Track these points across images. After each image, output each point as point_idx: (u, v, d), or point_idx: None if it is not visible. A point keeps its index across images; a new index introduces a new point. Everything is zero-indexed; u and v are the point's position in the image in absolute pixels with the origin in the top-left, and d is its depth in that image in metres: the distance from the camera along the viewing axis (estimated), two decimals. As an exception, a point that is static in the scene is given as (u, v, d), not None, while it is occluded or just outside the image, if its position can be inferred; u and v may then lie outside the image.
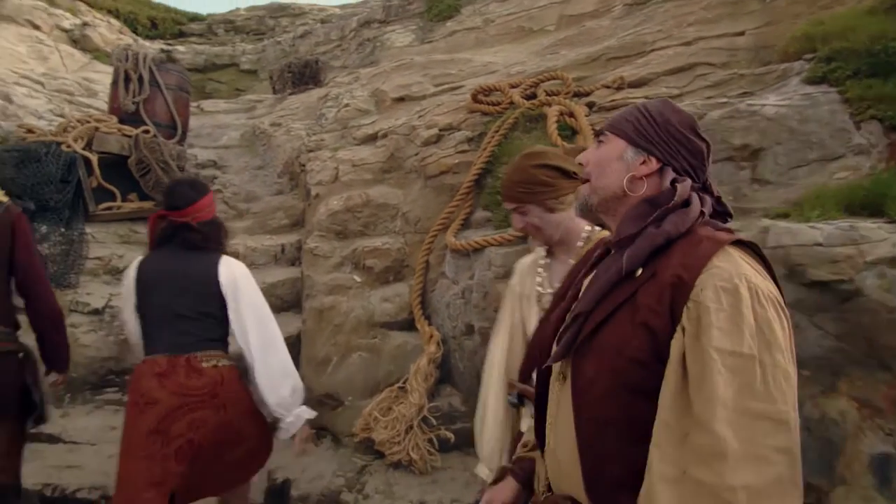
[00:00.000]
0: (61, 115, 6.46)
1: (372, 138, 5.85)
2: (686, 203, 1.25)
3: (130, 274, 2.67)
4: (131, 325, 2.68)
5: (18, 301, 2.77)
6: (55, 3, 10.43)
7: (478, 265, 3.82)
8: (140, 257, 2.75)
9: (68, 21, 9.90)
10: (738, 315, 1.08)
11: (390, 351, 4.02)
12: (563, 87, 4.68)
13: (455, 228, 4.20)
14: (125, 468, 2.42)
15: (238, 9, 13.75)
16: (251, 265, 5.34)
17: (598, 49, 5.28)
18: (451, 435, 3.48)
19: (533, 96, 4.74)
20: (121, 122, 5.98)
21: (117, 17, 12.08)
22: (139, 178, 5.74)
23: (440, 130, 5.06)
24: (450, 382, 3.87)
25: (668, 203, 1.25)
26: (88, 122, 5.88)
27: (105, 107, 6.76)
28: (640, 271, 1.23)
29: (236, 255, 5.30)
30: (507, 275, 3.72)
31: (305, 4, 13.02)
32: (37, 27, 9.03)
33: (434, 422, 3.51)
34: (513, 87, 4.91)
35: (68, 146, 5.59)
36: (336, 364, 4.01)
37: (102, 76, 8.14)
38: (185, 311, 2.53)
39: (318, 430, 3.91)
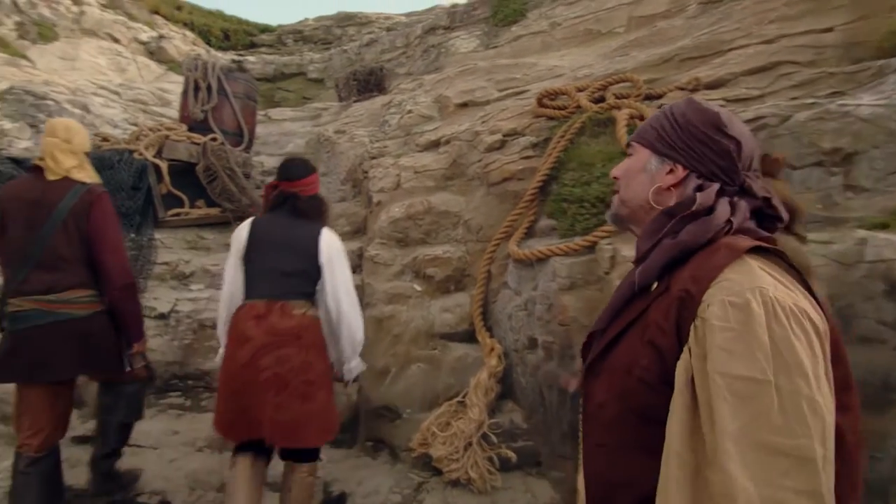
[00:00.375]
0: (135, 124, 6.67)
1: (434, 145, 5.77)
2: (709, 210, 1.13)
3: (244, 230, 2.97)
4: (231, 275, 2.96)
5: None
6: (134, 18, 10.87)
7: (542, 276, 3.67)
8: (248, 219, 3.07)
9: (146, 34, 10.29)
10: (749, 334, 0.94)
11: (450, 363, 3.90)
12: (633, 89, 4.47)
13: (518, 237, 4.05)
14: (223, 395, 2.80)
15: (307, 19, 13.99)
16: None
17: (670, 50, 5.03)
18: (512, 454, 3.33)
19: (601, 100, 4.55)
20: (190, 130, 6.11)
21: (192, 29, 12.50)
22: (206, 184, 5.84)
23: (504, 136, 4.92)
24: (511, 398, 3.72)
25: (686, 211, 1.14)
26: (159, 130, 6.02)
27: (177, 115, 6.93)
28: (654, 286, 1.14)
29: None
30: (572, 286, 3.57)
31: (372, 13, 13.13)
32: (116, 40, 9.40)
33: (494, 439, 3.36)
34: (580, 90, 4.73)
35: (140, 154, 5.76)
36: (395, 375, 3.92)
37: (175, 86, 8.38)
38: (286, 266, 2.88)
39: (375, 443, 3.83)
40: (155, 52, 10.04)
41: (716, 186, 1.17)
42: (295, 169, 3.10)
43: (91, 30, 9.27)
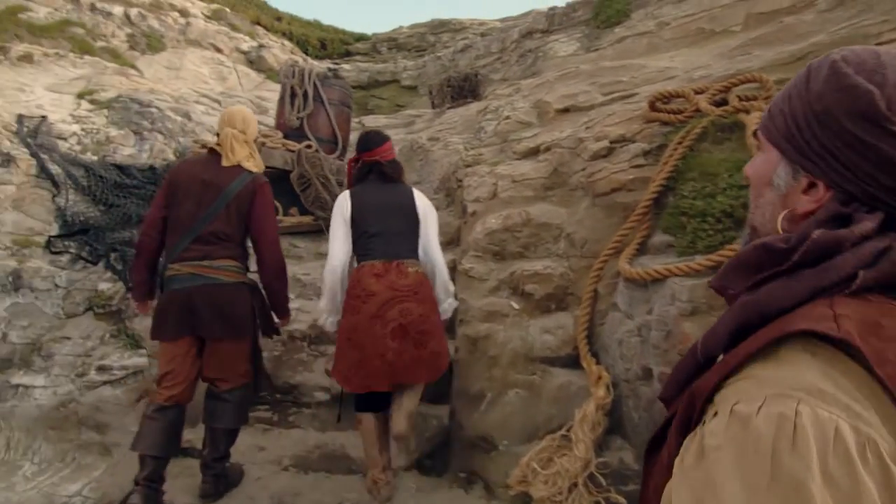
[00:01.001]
0: (233, 132, 6.70)
1: (533, 152, 5.45)
2: (826, 255, 0.73)
3: (346, 201, 3.34)
4: (340, 241, 3.30)
5: None
6: (236, 28, 11.16)
7: (658, 298, 3.28)
8: (346, 191, 3.44)
9: (246, 44, 10.52)
10: (745, 463, 0.59)
11: (551, 391, 3.57)
12: (761, 90, 4.00)
13: (629, 254, 3.67)
14: (346, 347, 3.17)
15: (401, 27, 14.01)
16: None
17: (802, 46, 4.51)
18: (622, 499, 2.96)
19: (723, 102, 4.10)
20: (285, 137, 6.07)
21: (290, 39, 12.76)
22: (300, 192, 5.77)
23: (611, 143, 4.55)
24: (621, 434, 3.35)
25: (792, 255, 0.75)
26: (256, 137, 6.00)
27: (273, 123, 6.95)
28: (720, 357, 0.81)
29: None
30: (694, 312, 3.16)
31: (466, 19, 12.97)
32: (219, 50, 9.64)
33: (603, 481, 3.00)
34: (698, 92, 4.30)
35: (237, 161, 5.73)
36: (490, 402, 3.63)
37: (273, 94, 8.47)
38: (395, 228, 3.30)
39: (469, 475, 3.55)
40: (255, 62, 10.25)
41: (875, 218, 0.75)
42: (373, 140, 3.48)
43: (196, 40, 9.55)
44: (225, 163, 3.25)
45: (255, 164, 3.36)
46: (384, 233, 3.26)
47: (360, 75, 11.21)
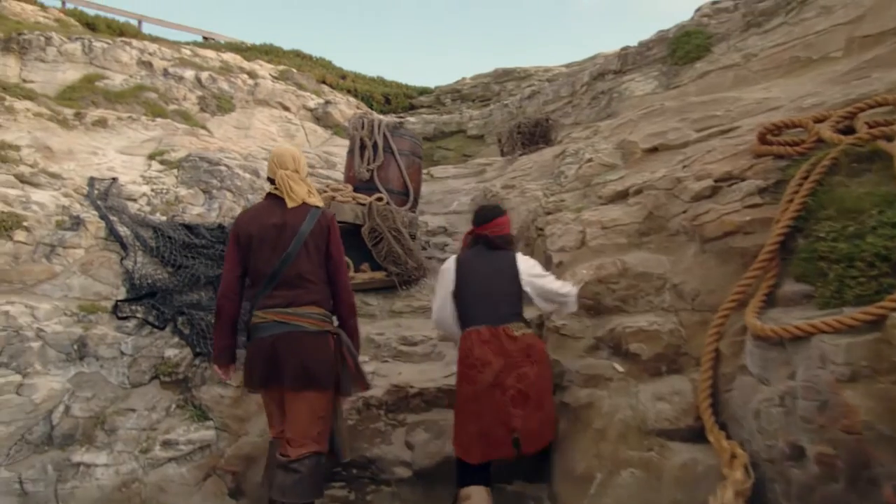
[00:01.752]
0: (302, 187, 6.54)
1: (622, 196, 5.02)
2: None
3: (451, 267, 3.54)
4: (447, 309, 3.50)
5: None
6: (302, 87, 11.27)
7: (801, 360, 2.74)
8: (453, 256, 3.67)
9: (313, 101, 10.57)
10: None
11: (673, 471, 3.04)
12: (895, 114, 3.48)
13: (756, 307, 3.15)
14: (465, 418, 3.27)
15: (464, 78, 13.94)
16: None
17: (935, 65, 3.97)
18: None
19: (849, 130, 3.59)
20: (355, 190, 5.84)
21: (355, 95, 12.85)
22: (371, 247, 5.48)
23: (716, 181, 4.07)
24: (767, 526, 2.77)
25: None
26: (325, 191, 5.79)
27: (341, 178, 6.75)
28: None
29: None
30: (855, 377, 2.60)
31: (530, 67, 12.78)
32: (286, 108, 9.68)
33: (754, 590, 2.44)
34: (818, 120, 3.80)
35: (306, 217, 5.51)
36: (601, 484, 3.12)
37: (340, 149, 8.36)
38: (497, 293, 3.40)
39: (581, 574, 3.02)
40: (321, 118, 10.25)
41: None
42: (484, 214, 3.69)
43: (264, 100, 9.62)
44: (290, 203, 3.13)
45: (317, 199, 3.26)
46: (485, 298, 3.37)
47: (426, 127, 11.08)
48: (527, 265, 3.57)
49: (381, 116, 9.27)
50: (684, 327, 3.62)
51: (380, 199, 5.71)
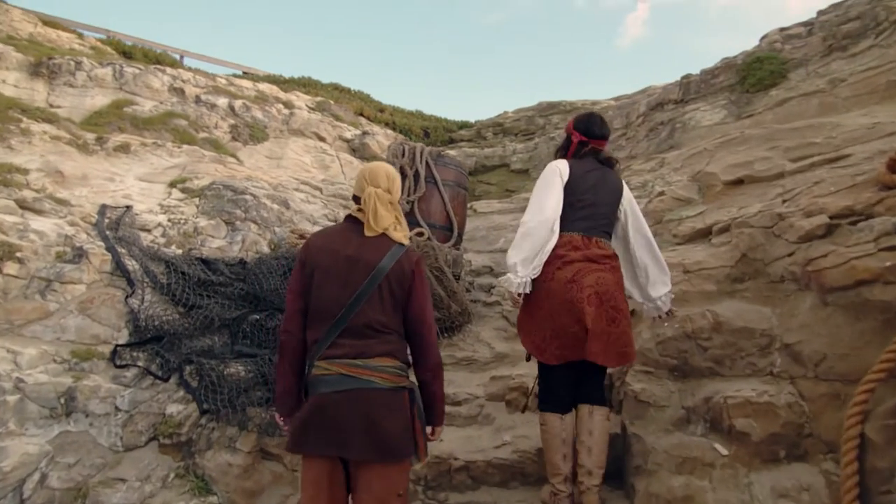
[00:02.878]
0: (335, 220, 5.95)
1: (702, 234, 4.32)
2: None
3: (565, 168, 3.22)
4: (554, 198, 3.15)
5: None
6: (340, 119, 10.83)
7: None
8: (560, 159, 3.33)
9: (350, 132, 10.08)
10: None
11: None
12: None
13: (919, 380, 2.38)
14: (540, 316, 3.12)
15: (506, 112, 13.41)
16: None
17: None
18: None
19: None
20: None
21: (393, 128, 12.39)
22: (410, 288, 4.81)
23: (832, 218, 3.34)
24: None
25: None
26: (359, 225, 5.18)
27: (378, 210, 6.15)
28: None
29: (519, 386, 4.00)
30: None
31: (577, 100, 12.17)
32: (322, 139, 9.19)
33: None
34: (968, 144, 3.05)
35: (337, 253, 4.92)
36: None
37: (377, 181, 7.78)
38: (600, 206, 3.25)
39: None
40: (358, 150, 9.75)
41: None
42: (599, 126, 3.37)
43: (299, 130, 9.17)
44: (368, 232, 2.52)
45: (403, 234, 2.63)
46: (591, 209, 3.19)
47: (467, 160, 10.50)
48: (630, 194, 3.42)
49: (423, 145, 8.76)
50: (806, 400, 2.85)
51: (420, 234, 5.08)
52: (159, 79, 8.48)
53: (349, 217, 2.58)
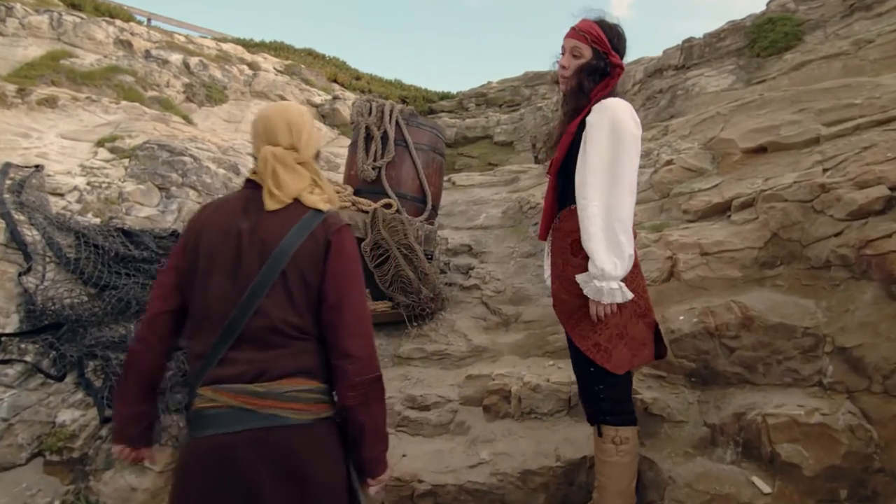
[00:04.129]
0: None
1: (720, 210, 3.66)
2: None
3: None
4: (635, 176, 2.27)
5: None
6: (310, 83, 10.01)
7: None
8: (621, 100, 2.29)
9: (320, 97, 9.27)
10: None
11: None
12: None
13: None
14: (642, 311, 2.34)
15: (490, 82, 12.65)
16: (529, 412, 3.34)
17: None
18: None
19: None
20: (356, 193, 4.49)
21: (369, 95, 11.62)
22: (374, 268, 4.11)
23: (893, 189, 2.68)
24: None
25: None
26: (317, 194, 4.44)
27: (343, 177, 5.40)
28: None
29: (500, 388, 3.33)
30: None
31: (565, 70, 11.43)
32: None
33: None
34: None
35: (289, 225, 4.18)
36: None
37: (347, 150, 7.04)
38: None
39: None
40: (328, 115, 8.93)
41: None
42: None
43: (262, 92, 8.34)
44: (270, 204, 1.76)
45: (322, 198, 1.85)
46: None
47: (447, 132, 9.75)
48: None
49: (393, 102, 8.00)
50: (874, 423, 2.20)
51: (388, 206, 4.36)
52: (104, 30, 7.59)
53: (249, 182, 1.85)
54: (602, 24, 2.33)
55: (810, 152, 3.50)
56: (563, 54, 2.39)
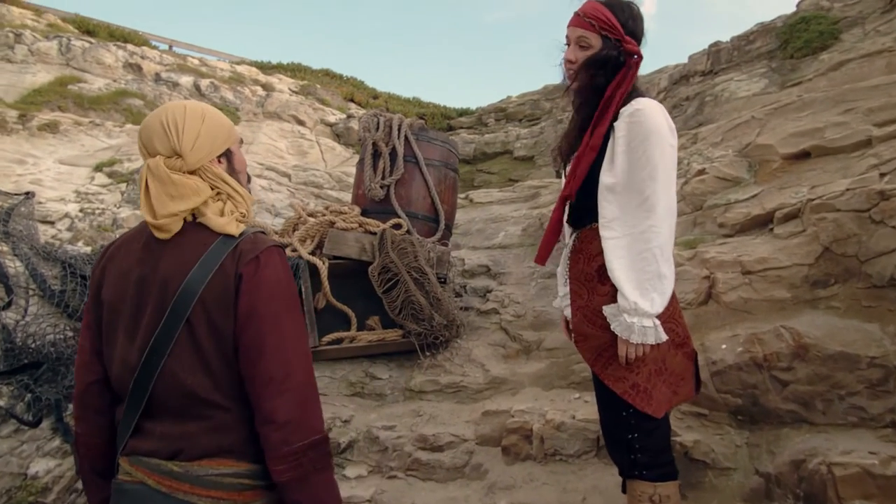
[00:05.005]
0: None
1: (760, 223, 3.30)
2: None
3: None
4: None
5: None
6: (326, 103, 9.83)
7: None
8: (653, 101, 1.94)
9: (334, 116, 9.07)
10: None
11: None
12: None
13: None
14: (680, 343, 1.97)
15: (509, 97, 12.38)
16: (553, 454, 2.99)
17: None
18: None
19: None
20: (365, 213, 4.22)
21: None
22: (382, 293, 3.80)
23: (968, 195, 2.32)
24: None
25: None
26: (323, 215, 4.18)
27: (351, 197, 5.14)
28: None
29: (520, 427, 3.00)
30: None
31: (586, 83, 11.11)
32: (301, 122, 8.19)
33: None
34: None
35: (294, 249, 3.95)
36: None
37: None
38: None
39: None
40: (342, 135, 8.73)
41: None
42: None
43: (275, 112, 8.17)
44: (157, 233, 1.39)
45: (233, 218, 1.45)
46: None
47: (465, 147, 9.48)
48: None
49: (402, 116, 7.78)
50: (967, 475, 1.82)
51: (397, 227, 4.07)
52: (113, 54, 7.49)
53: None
54: (611, 4, 1.93)
55: (862, 155, 3.14)
56: (567, 46, 2.02)
